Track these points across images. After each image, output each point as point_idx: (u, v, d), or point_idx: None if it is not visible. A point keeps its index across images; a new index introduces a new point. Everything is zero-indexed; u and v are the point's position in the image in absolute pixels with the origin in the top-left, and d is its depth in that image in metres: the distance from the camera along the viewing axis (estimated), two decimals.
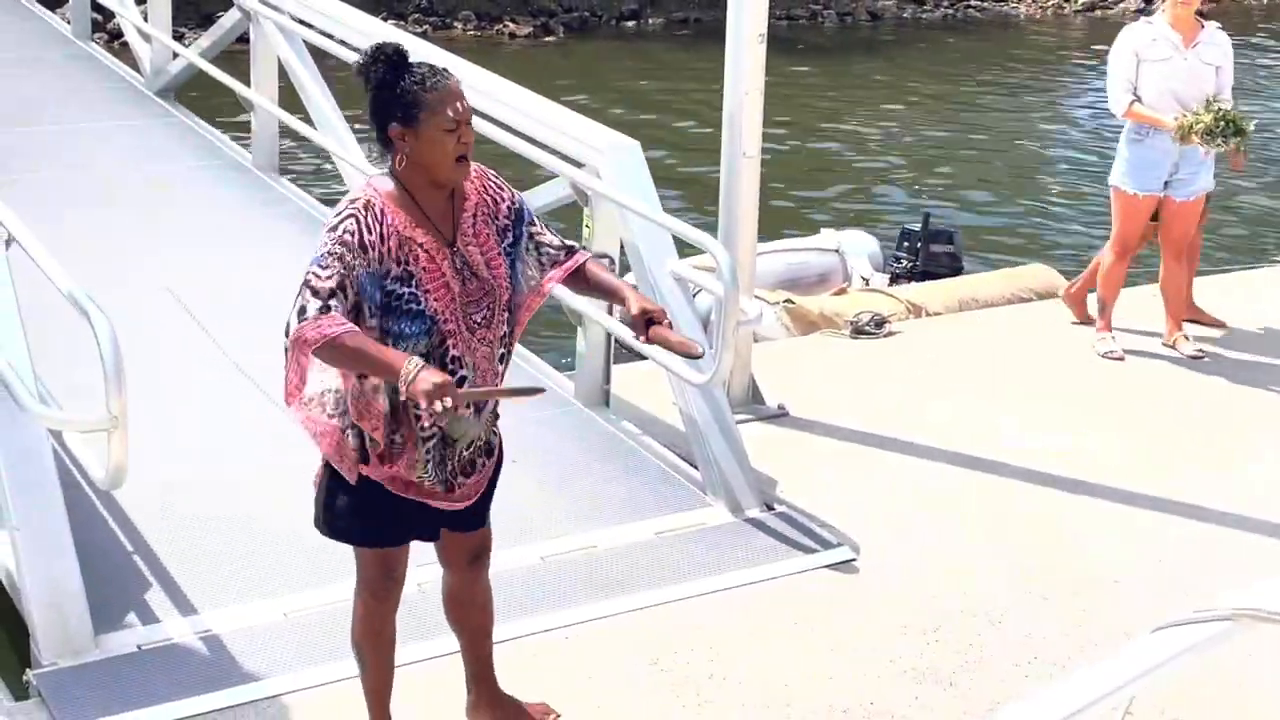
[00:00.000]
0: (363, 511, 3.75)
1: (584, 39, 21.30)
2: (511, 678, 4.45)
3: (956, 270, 9.57)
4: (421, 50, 7.55)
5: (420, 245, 3.58)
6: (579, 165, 6.13)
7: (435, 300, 3.59)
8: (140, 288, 7.19)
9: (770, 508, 5.59)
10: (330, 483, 3.76)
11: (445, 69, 3.60)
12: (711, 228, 6.34)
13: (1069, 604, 5.00)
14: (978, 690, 4.47)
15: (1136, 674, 2.30)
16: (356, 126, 7.87)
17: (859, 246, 9.53)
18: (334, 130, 8.40)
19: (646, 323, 3.74)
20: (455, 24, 21.09)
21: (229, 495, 5.45)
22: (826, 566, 5.22)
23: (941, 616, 4.89)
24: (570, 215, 6.50)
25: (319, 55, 8.73)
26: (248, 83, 9.25)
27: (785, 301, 8.16)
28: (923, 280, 9.27)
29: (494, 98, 6.62)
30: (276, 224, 8.39)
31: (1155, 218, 7.19)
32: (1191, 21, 6.98)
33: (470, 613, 4.14)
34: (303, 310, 3.50)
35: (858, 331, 7.70)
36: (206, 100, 11.70)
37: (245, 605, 4.78)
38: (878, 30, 23.46)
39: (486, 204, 3.76)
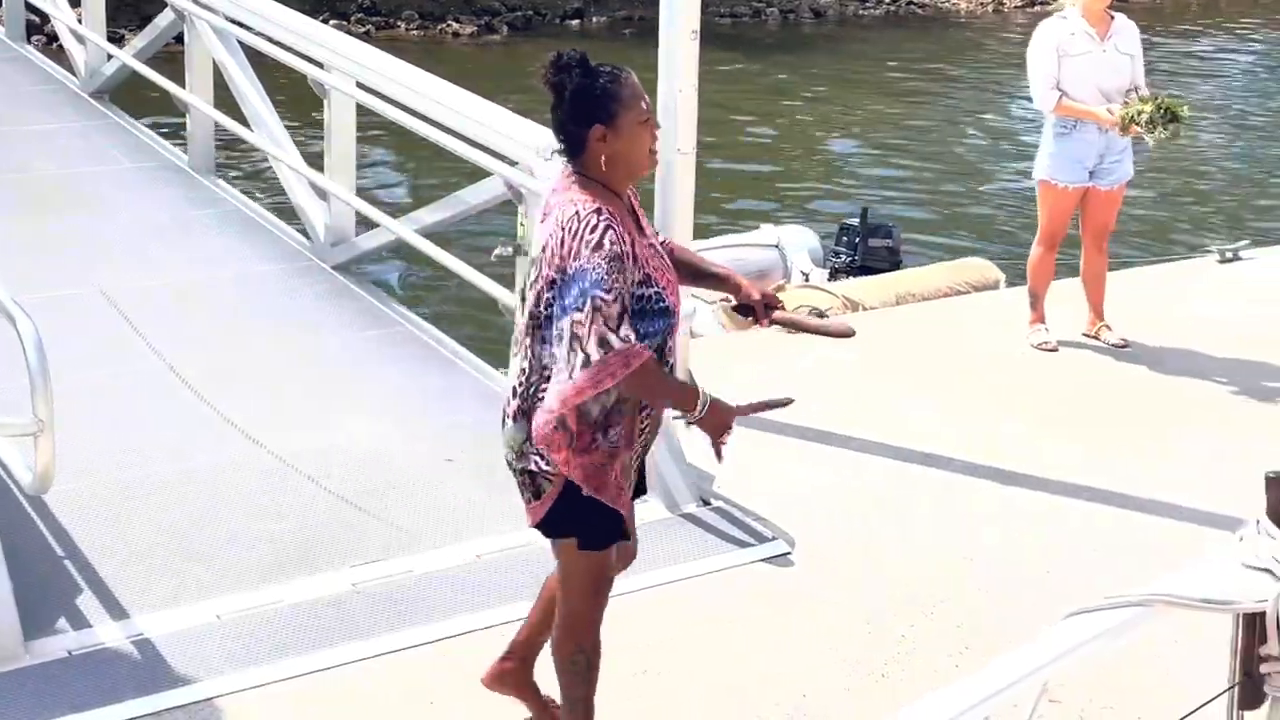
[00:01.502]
0: (604, 514, 3.73)
1: (528, 38, 21.31)
2: (443, 677, 4.46)
3: (895, 264, 9.63)
4: (355, 52, 7.55)
5: (641, 242, 3.63)
6: (513, 163, 6.13)
7: (670, 295, 3.66)
8: (74, 290, 7.15)
9: (706, 503, 5.60)
10: (574, 496, 3.69)
11: (622, 66, 3.66)
12: None
13: (1001, 594, 5.03)
14: (909, 681, 4.49)
15: (1050, 659, 2.33)
16: (290, 125, 7.84)
17: (799, 242, 9.57)
18: (270, 131, 8.36)
19: (766, 306, 3.90)
20: (399, 23, 21.05)
21: (161, 497, 5.42)
22: (761, 560, 5.24)
23: (875, 608, 4.92)
24: (506, 214, 6.51)
25: (255, 56, 8.69)
26: (183, 84, 9.20)
27: (722, 299, 8.18)
28: (862, 275, 9.32)
29: (426, 96, 6.61)
30: (212, 225, 8.36)
31: None
32: (1103, 13, 7.07)
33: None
34: (603, 340, 3.45)
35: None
36: (142, 102, 11.63)
37: (177, 608, 4.75)
38: (820, 27, 23.59)
39: None
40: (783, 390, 4.04)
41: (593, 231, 3.48)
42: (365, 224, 7.79)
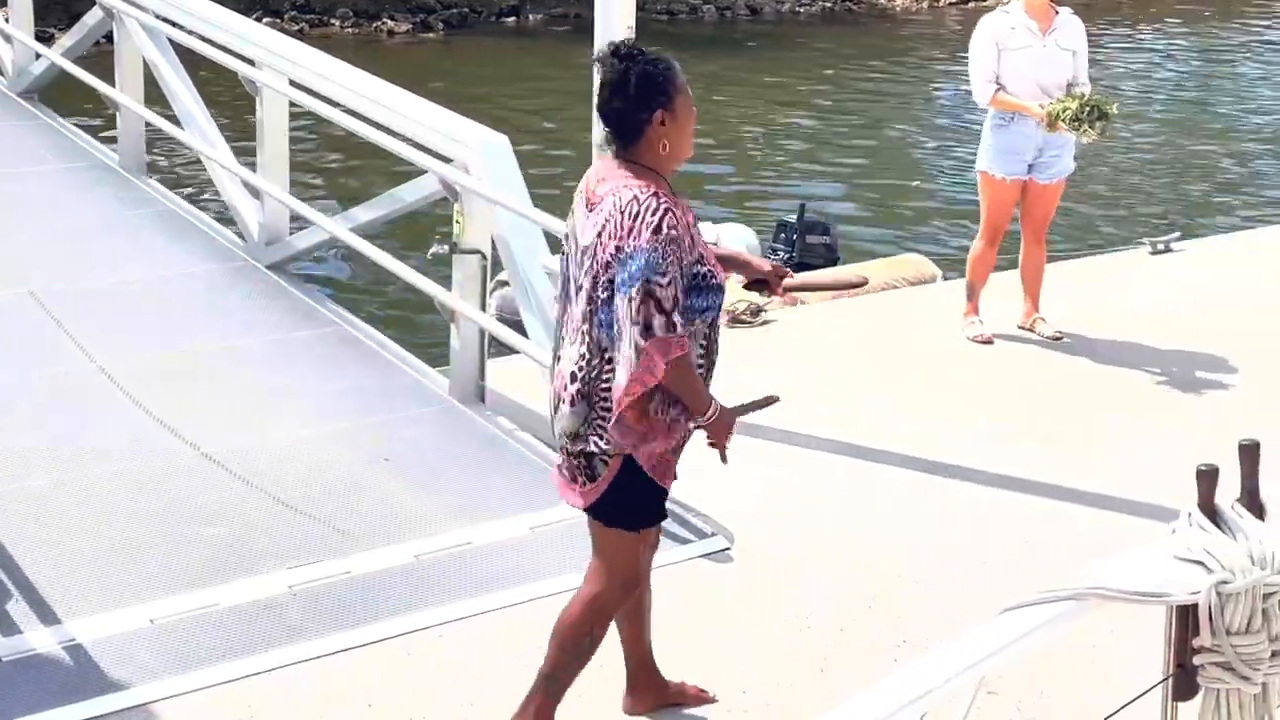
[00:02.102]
0: (654, 494, 3.90)
1: (464, 35, 21.21)
2: (382, 678, 4.42)
3: (833, 261, 9.65)
4: (286, 49, 7.48)
5: (692, 222, 3.79)
6: (448, 161, 6.10)
7: (719, 273, 3.81)
8: (2, 291, 7.04)
9: None
10: (630, 477, 3.82)
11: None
12: None
13: (939, 586, 5.05)
14: (848, 674, 4.49)
15: (985, 655, 2.33)
16: (225, 124, 7.76)
17: (737, 239, 9.55)
18: (201, 130, 8.28)
19: (777, 277, 4.18)
20: (333, 21, 20.90)
21: (93, 500, 5.35)
22: (701, 556, 5.23)
23: (814, 602, 4.92)
24: (442, 212, 6.47)
25: (188, 55, 8.60)
26: (113, 82, 9.09)
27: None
28: (800, 271, 9.33)
29: (360, 93, 6.57)
30: (144, 226, 8.27)
31: None
32: (1046, 8, 7.10)
33: (646, 595, 4.24)
34: (648, 325, 3.60)
35: (734, 321, 7.74)
36: (72, 101, 11.49)
37: (110, 613, 4.68)
38: (757, 25, 23.63)
39: None
40: (718, 383, 4.04)
41: (652, 214, 3.62)
42: (301, 223, 7.72)
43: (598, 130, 3.97)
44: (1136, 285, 8.39)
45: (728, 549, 5.28)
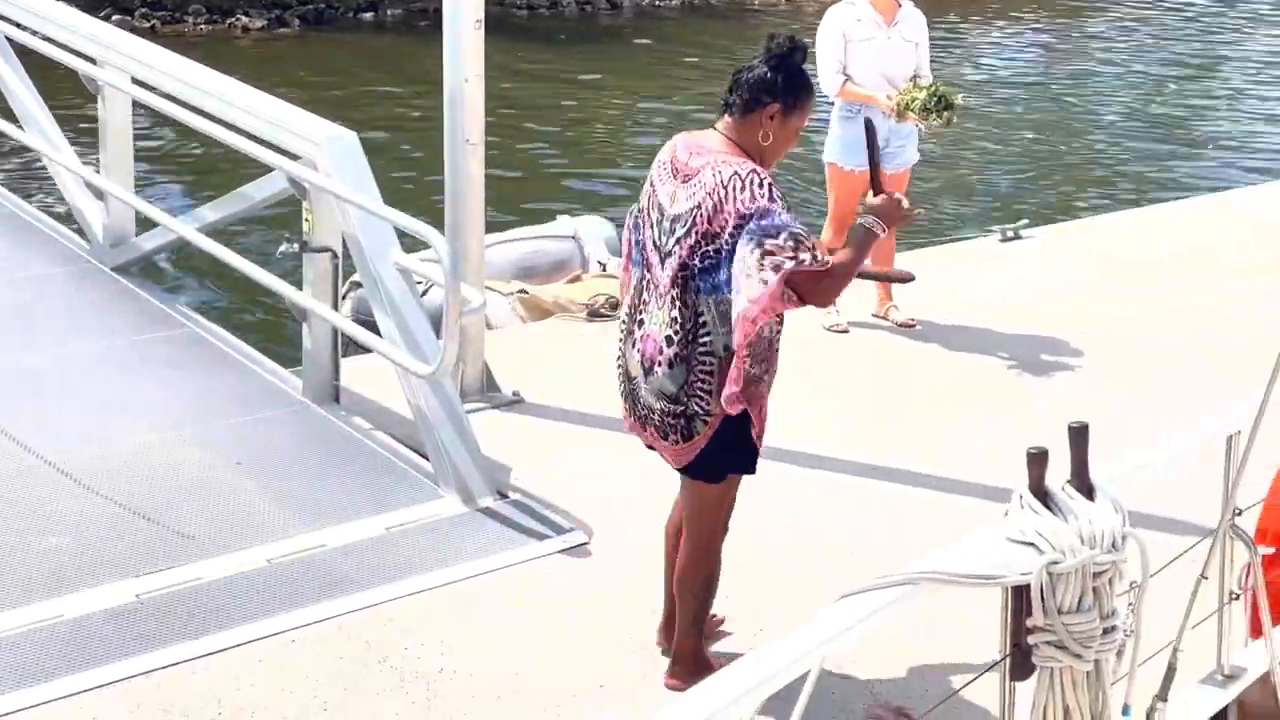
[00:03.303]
0: (751, 448, 4.17)
1: (321, 31, 20.93)
2: (235, 684, 4.34)
3: None
4: (128, 47, 7.30)
5: None
6: (296, 158, 6.00)
7: None
8: None
9: (504, 496, 5.56)
10: (729, 435, 4.10)
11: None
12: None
13: (796, 573, 5.08)
14: None
15: (825, 640, 2.34)
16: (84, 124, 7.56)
17: (595, 232, 9.51)
18: (42, 129, 8.06)
19: None
20: (186, 18, 20.48)
21: None
22: (559, 552, 5.22)
23: None
24: (291, 210, 6.37)
25: (23, 52, 8.37)
26: None
27: (519, 292, 8.13)
28: None
29: (205, 90, 6.44)
30: None
31: None
32: (890, 1, 7.20)
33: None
34: (797, 258, 3.86)
35: (594, 315, 7.73)
36: None
37: None
38: (618, 18, 23.63)
39: None
40: (578, 377, 4.04)
41: (761, 186, 3.93)
42: (147, 224, 7.54)
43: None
44: (986, 272, 8.54)
45: (586, 543, 5.27)
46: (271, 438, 5.90)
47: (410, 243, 5.78)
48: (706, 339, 4.04)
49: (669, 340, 4.06)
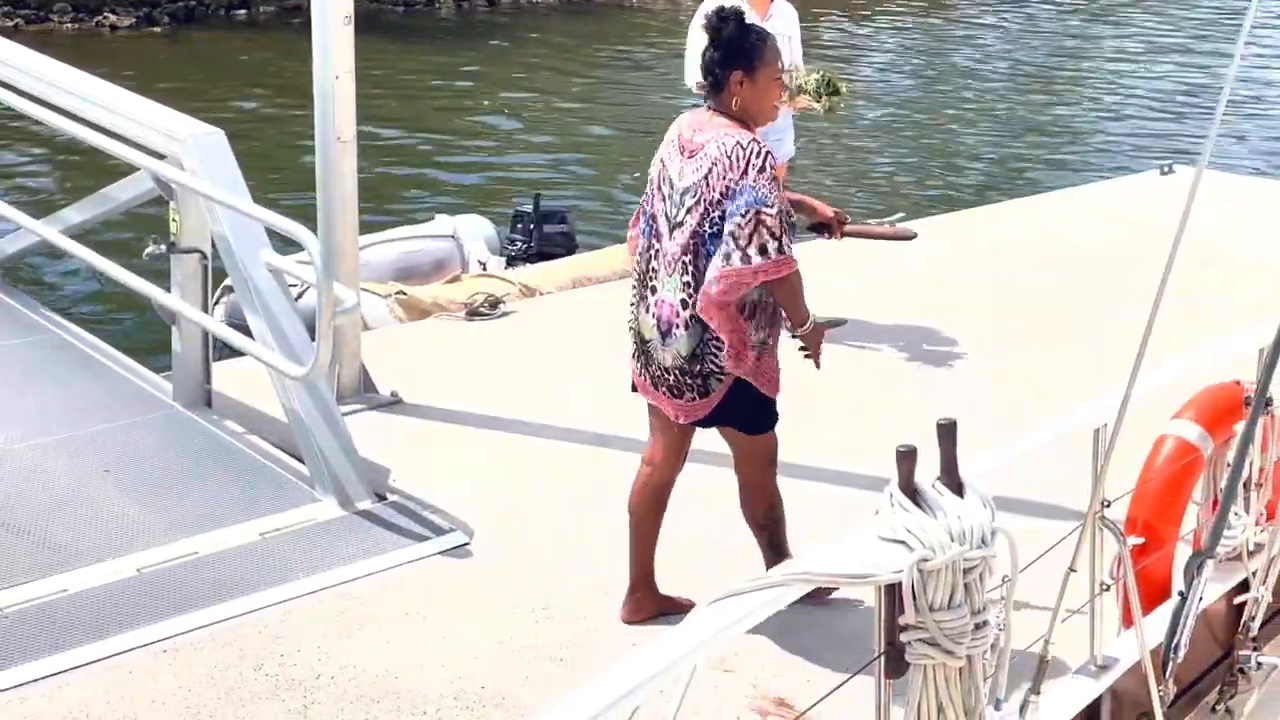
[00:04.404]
0: (768, 400, 4.53)
1: (192, 29, 20.59)
2: (104, 697, 4.23)
3: (571, 249, 9.64)
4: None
5: None
6: (162, 157, 5.87)
7: (792, 211, 4.55)
8: None
9: (382, 498, 5.49)
10: (750, 391, 4.45)
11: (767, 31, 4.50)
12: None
13: (677, 571, 5.05)
14: (588, 664, 4.48)
15: (698, 644, 2.32)
16: None
17: (474, 231, 9.47)
18: None
19: (838, 222, 4.99)
20: (51, 17, 20.04)
21: None
22: (439, 553, 5.16)
23: (553, 593, 4.90)
24: (160, 210, 6.23)
25: None
26: None
27: (397, 293, 8.04)
28: (539, 261, 9.30)
29: (68, 90, 6.28)
30: None
31: None
32: None
33: (660, 513, 4.83)
34: (763, 248, 4.21)
35: (473, 314, 7.68)
36: None
37: None
38: (495, 15, 23.52)
39: None
40: (457, 377, 3.98)
41: (756, 157, 4.24)
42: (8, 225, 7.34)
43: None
44: (859, 266, 8.59)
45: (467, 544, 5.22)
46: (141, 444, 5.77)
47: (285, 243, 5.68)
48: None
49: (684, 304, 4.37)
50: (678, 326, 4.41)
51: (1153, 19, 24.97)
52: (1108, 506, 3.06)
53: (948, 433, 2.40)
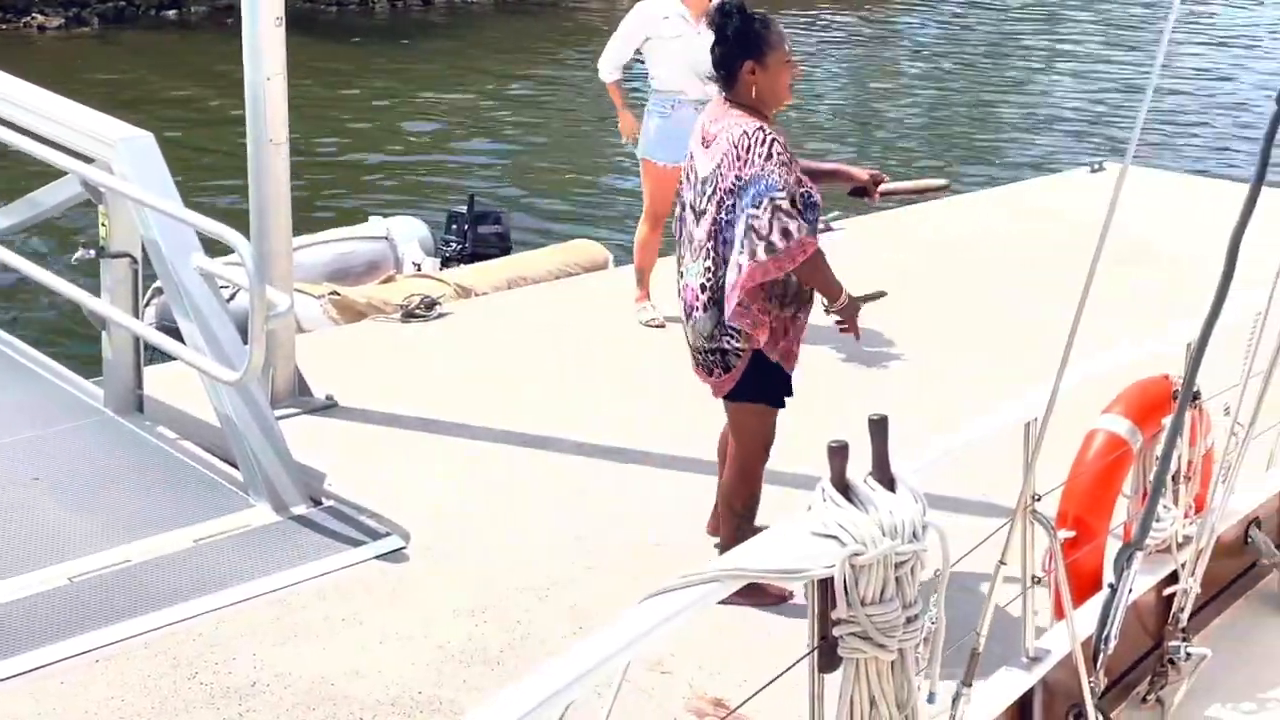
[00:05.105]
0: (782, 377, 4.72)
1: (123, 30, 20.38)
2: (36, 710, 4.18)
3: (506, 250, 9.63)
4: None
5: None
6: (90, 161, 5.80)
7: (815, 192, 4.54)
8: None
9: (318, 503, 5.45)
10: (761, 364, 4.64)
11: (770, 15, 4.65)
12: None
13: (615, 571, 5.08)
14: (524, 666, 4.47)
15: (629, 641, 2.31)
16: None
17: (408, 232, 9.42)
18: None
19: (875, 184, 5.07)
20: None
21: None
22: (375, 558, 5.13)
23: (490, 596, 4.89)
24: (89, 214, 6.16)
25: None
26: None
27: (330, 294, 7.99)
28: (473, 262, 9.28)
29: None
30: None
31: None
32: None
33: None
34: (785, 231, 4.38)
35: (408, 315, 7.65)
36: None
37: None
38: (430, 14, 23.44)
39: None
40: (393, 379, 3.95)
41: (763, 145, 4.43)
42: None
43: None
44: None
45: (403, 548, 5.20)
46: (72, 451, 5.70)
47: (220, 246, 5.64)
48: None
49: (702, 288, 4.62)
50: (697, 309, 4.67)
51: (1086, 14, 25.23)
52: (1039, 500, 3.08)
53: (879, 428, 2.41)
